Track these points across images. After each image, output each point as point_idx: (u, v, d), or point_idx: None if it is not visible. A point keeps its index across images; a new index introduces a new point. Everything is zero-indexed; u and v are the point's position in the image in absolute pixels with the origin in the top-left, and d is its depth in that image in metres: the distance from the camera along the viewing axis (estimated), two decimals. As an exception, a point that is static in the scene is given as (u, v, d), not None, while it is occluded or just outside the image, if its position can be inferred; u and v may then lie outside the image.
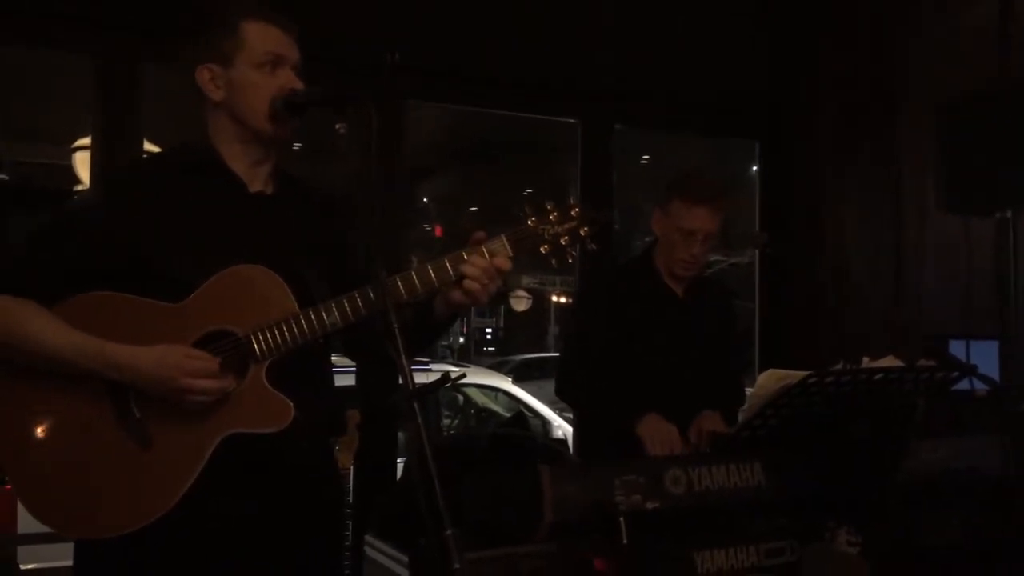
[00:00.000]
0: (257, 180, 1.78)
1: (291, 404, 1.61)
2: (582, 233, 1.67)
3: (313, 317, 1.62)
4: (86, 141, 5.01)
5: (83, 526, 1.62)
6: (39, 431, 1.62)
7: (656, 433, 2.41)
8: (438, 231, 16.07)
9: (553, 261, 1.68)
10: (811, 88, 4.15)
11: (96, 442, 1.60)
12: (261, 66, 1.71)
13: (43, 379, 1.61)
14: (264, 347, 1.61)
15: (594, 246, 1.69)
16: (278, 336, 1.61)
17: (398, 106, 3.52)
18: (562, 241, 1.67)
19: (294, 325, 1.62)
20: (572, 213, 1.68)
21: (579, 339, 2.78)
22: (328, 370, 1.86)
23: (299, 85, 1.72)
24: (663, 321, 2.68)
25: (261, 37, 1.71)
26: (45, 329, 1.58)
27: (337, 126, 1.60)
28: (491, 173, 12.32)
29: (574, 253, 1.68)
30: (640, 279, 2.72)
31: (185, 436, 1.59)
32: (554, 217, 1.67)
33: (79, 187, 6.18)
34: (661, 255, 2.71)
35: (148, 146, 3.25)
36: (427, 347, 2.04)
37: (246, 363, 1.62)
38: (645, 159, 11.02)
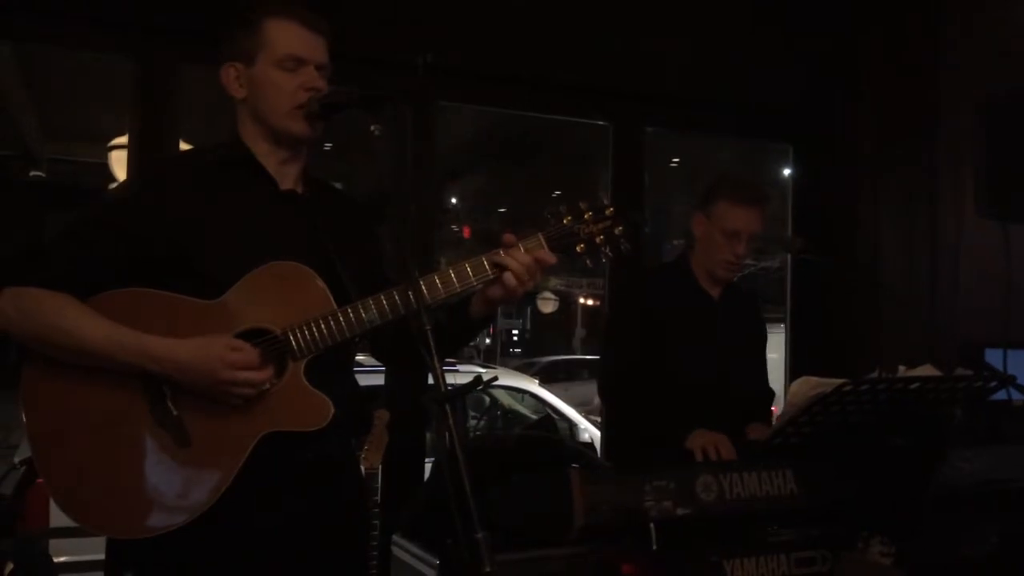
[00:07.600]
0: (287, 179, 1.77)
1: (330, 402, 1.61)
2: (617, 232, 1.68)
3: (352, 314, 1.61)
4: (122, 140, 5.09)
5: (118, 525, 1.61)
6: (74, 428, 1.59)
7: (708, 443, 2.37)
8: (466, 232, 16.09)
9: (587, 261, 1.69)
10: (847, 90, 4.09)
11: (132, 440, 1.59)
12: (282, 65, 1.69)
13: (79, 375, 1.58)
14: (303, 344, 1.60)
15: (628, 245, 1.70)
16: (316, 333, 1.60)
17: (431, 107, 3.53)
18: (597, 240, 1.68)
19: (332, 322, 1.61)
20: (607, 212, 1.69)
21: (615, 346, 2.76)
22: (351, 368, 1.85)
23: (320, 84, 1.69)
24: (702, 325, 2.66)
25: (284, 35, 1.69)
26: (81, 321, 1.55)
27: (372, 127, 1.57)
28: (521, 175, 12.32)
29: (609, 253, 1.69)
30: (676, 284, 2.70)
31: (224, 434, 1.58)
32: (589, 216, 1.68)
33: (114, 185, 6.27)
34: (700, 258, 2.70)
35: (184, 146, 3.28)
36: (459, 348, 2.05)
37: (284, 361, 1.61)
38: (675, 162, 10.97)
